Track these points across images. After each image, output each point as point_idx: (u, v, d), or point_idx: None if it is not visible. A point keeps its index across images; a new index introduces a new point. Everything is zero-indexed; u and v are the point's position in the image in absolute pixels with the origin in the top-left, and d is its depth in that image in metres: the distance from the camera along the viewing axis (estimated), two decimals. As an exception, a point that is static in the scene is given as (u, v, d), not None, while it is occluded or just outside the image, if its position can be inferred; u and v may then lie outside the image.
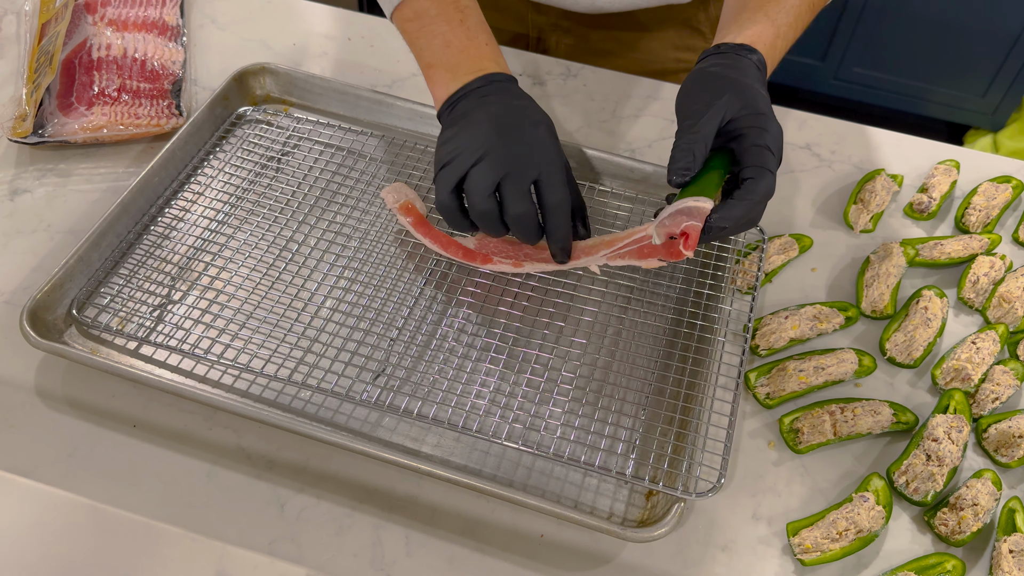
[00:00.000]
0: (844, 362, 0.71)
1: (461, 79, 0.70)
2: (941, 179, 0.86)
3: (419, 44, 0.73)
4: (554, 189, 0.67)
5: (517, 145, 0.66)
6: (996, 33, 1.99)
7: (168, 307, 0.72)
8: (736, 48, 0.70)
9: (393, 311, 0.72)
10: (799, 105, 0.99)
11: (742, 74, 0.67)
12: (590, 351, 0.71)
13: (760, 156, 0.64)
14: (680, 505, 0.61)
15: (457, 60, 0.71)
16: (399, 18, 0.74)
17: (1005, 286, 0.77)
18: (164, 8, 0.98)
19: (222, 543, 0.62)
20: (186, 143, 0.83)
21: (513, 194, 0.66)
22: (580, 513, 0.61)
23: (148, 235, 0.77)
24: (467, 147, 0.66)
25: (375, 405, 0.66)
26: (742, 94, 0.66)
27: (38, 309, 0.69)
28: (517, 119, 0.68)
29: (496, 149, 0.66)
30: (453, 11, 0.72)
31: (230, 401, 0.66)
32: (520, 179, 0.66)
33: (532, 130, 0.68)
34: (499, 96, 0.69)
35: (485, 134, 0.66)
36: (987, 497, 0.64)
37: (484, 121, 0.67)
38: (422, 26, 0.72)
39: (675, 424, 0.66)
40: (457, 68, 0.71)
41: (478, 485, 0.61)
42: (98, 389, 0.69)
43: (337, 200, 0.81)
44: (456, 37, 0.71)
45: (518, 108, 0.69)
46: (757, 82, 0.68)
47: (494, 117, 0.67)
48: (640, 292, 0.75)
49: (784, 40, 0.72)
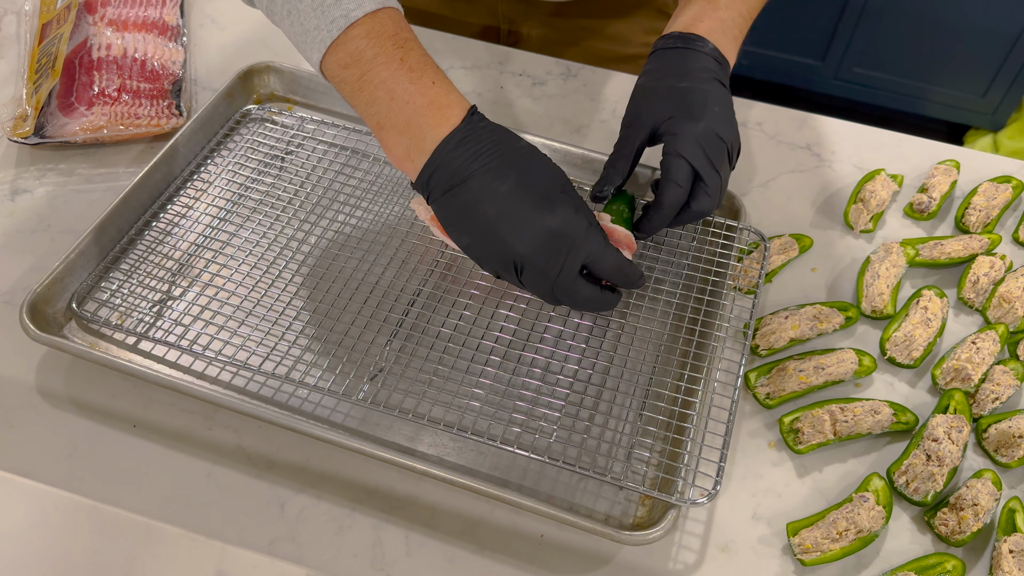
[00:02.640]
0: (844, 362, 0.71)
1: (420, 150, 0.61)
2: (941, 179, 0.86)
3: (361, 98, 0.62)
4: (602, 262, 0.62)
5: (542, 238, 0.60)
6: (996, 33, 1.99)
7: (168, 303, 0.72)
8: (676, 40, 0.70)
9: (392, 310, 0.72)
10: (799, 105, 0.99)
11: (673, 77, 0.69)
12: (588, 354, 0.70)
13: (669, 167, 0.66)
14: (675, 510, 0.61)
15: (407, 117, 0.61)
16: (333, 66, 0.62)
17: (1005, 286, 0.77)
18: (164, 8, 0.98)
19: (222, 543, 0.62)
20: (190, 140, 0.83)
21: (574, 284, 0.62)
22: (575, 515, 0.60)
23: (150, 231, 0.78)
24: (496, 257, 0.61)
25: (371, 405, 0.65)
26: (666, 104, 0.68)
27: (38, 303, 0.69)
28: (515, 202, 0.60)
29: (528, 256, 0.60)
30: (392, 48, 0.61)
31: (227, 397, 0.66)
32: (571, 267, 0.61)
33: (542, 207, 0.60)
34: (471, 163, 0.61)
35: (503, 241, 0.60)
36: (987, 497, 0.64)
37: (487, 222, 0.60)
38: (362, 74, 0.61)
39: (672, 430, 0.66)
40: (408, 129, 0.61)
41: (475, 486, 0.61)
42: (98, 389, 0.69)
43: (339, 199, 0.81)
44: (398, 83, 0.61)
45: (496, 174, 0.60)
46: (695, 76, 0.68)
47: (493, 215, 0.60)
48: (640, 296, 0.74)
49: (732, 10, 0.72)
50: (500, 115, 0.92)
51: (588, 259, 0.61)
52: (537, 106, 0.94)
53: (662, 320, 0.73)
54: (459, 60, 0.98)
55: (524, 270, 0.61)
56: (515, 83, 0.96)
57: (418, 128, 0.61)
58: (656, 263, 0.77)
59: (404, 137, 0.61)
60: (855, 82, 2.22)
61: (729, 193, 0.81)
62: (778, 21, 2.15)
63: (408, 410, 0.65)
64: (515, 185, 0.60)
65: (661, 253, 0.77)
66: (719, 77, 0.69)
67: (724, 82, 0.70)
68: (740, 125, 0.93)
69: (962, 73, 2.11)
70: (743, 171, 0.88)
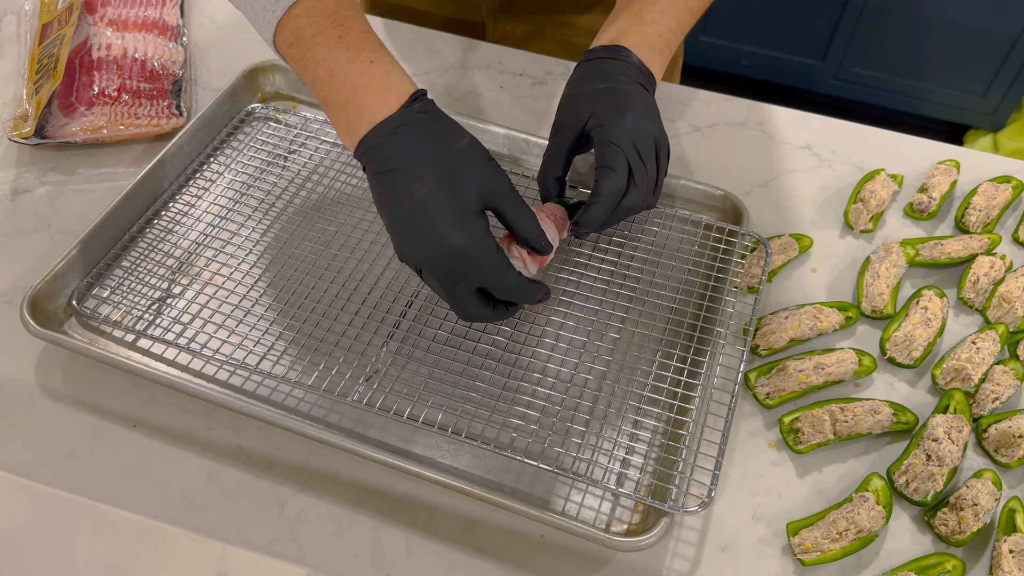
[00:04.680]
0: (844, 362, 0.71)
1: (356, 129, 0.61)
2: (941, 179, 0.86)
3: (307, 77, 0.63)
4: (501, 286, 0.62)
5: (442, 255, 0.59)
6: (996, 33, 1.99)
7: (168, 301, 0.72)
8: (598, 51, 0.71)
9: (390, 311, 0.72)
10: (799, 105, 0.99)
11: (597, 80, 0.69)
12: (585, 359, 0.70)
13: (602, 155, 0.66)
14: (668, 518, 0.60)
15: (346, 96, 0.61)
16: (282, 46, 0.64)
17: (1005, 286, 0.77)
18: (164, 8, 0.98)
19: (222, 543, 0.62)
20: (193, 137, 0.83)
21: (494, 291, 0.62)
22: (568, 520, 0.60)
23: (152, 228, 0.78)
24: (400, 251, 0.62)
25: (365, 407, 0.65)
26: (591, 103, 0.68)
27: (38, 298, 0.69)
28: (426, 210, 0.59)
29: (425, 266, 0.60)
30: (331, 26, 0.62)
31: (225, 396, 0.66)
32: (465, 288, 0.61)
33: (461, 223, 0.59)
34: (397, 156, 0.60)
35: (407, 243, 0.60)
36: (987, 497, 0.64)
37: (400, 217, 0.60)
38: (304, 53, 0.62)
39: (668, 436, 0.66)
40: (347, 107, 0.61)
41: (469, 490, 0.61)
42: (98, 389, 0.69)
43: (341, 199, 0.81)
44: (336, 62, 0.61)
45: (424, 177, 0.59)
46: (616, 79, 0.69)
47: (404, 214, 0.60)
48: (640, 301, 0.74)
49: (659, 25, 0.73)
50: (500, 115, 0.92)
51: (485, 284, 0.61)
52: (537, 106, 0.94)
53: (661, 325, 0.73)
54: (459, 59, 0.98)
55: (422, 272, 0.62)
56: (515, 83, 0.96)
57: (356, 108, 0.61)
58: (656, 267, 0.77)
59: (343, 114, 0.62)
60: (855, 82, 2.22)
61: (731, 197, 0.81)
62: (778, 21, 2.15)
63: (402, 412, 0.65)
64: (432, 191, 0.59)
65: (662, 257, 0.77)
66: (642, 83, 0.70)
67: (648, 89, 0.70)
68: (740, 125, 0.93)
69: (962, 73, 2.11)
70: (743, 171, 0.88)
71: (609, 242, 0.77)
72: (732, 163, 0.89)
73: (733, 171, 0.88)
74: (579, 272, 0.74)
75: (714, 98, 0.95)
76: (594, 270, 0.75)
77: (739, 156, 0.90)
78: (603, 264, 0.76)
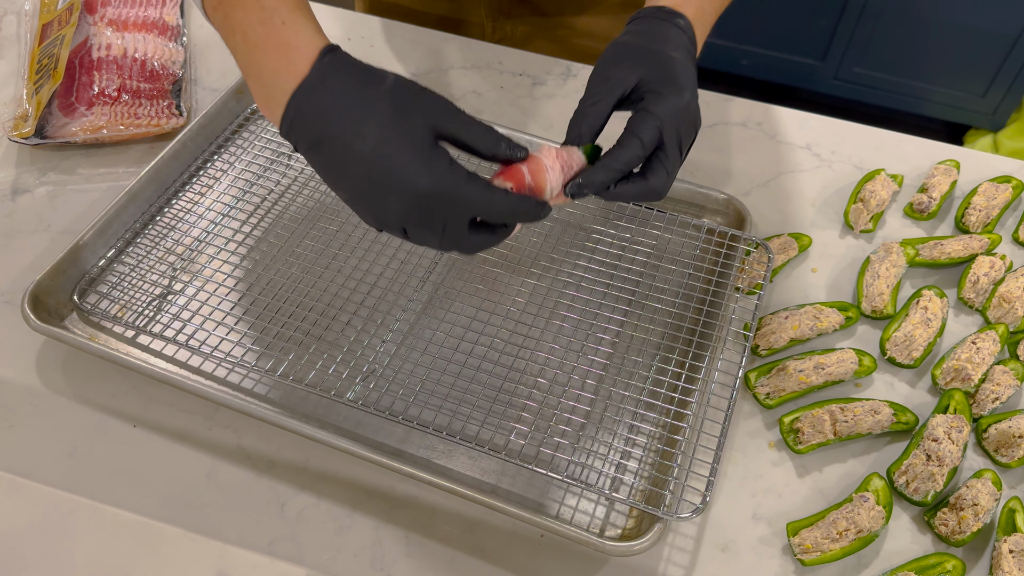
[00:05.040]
0: (844, 362, 0.71)
1: (275, 101, 0.55)
2: (941, 179, 0.86)
3: (230, 45, 0.58)
4: (492, 211, 0.55)
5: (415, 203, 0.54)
6: (996, 33, 1.99)
7: (168, 297, 0.73)
8: (657, 12, 0.64)
9: (388, 312, 0.72)
10: (799, 105, 0.99)
11: (659, 43, 0.62)
12: (582, 362, 0.70)
13: (638, 122, 0.59)
14: (663, 523, 0.60)
15: (259, 62, 0.56)
16: (209, 9, 0.59)
17: (1005, 286, 0.77)
18: (164, 8, 0.98)
19: (222, 543, 0.62)
20: (197, 135, 0.83)
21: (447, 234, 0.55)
22: (561, 523, 0.60)
23: (155, 225, 0.78)
24: (373, 219, 0.56)
25: (361, 407, 0.65)
26: (651, 64, 0.61)
27: (40, 293, 0.70)
28: (379, 164, 0.53)
29: (405, 221, 0.55)
30: None
31: (223, 394, 0.66)
32: (455, 224, 0.55)
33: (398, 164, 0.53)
34: (327, 118, 0.54)
35: (375, 206, 0.55)
36: (987, 497, 0.64)
37: (356, 185, 0.54)
38: (225, 17, 0.57)
39: (664, 442, 0.66)
40: (261, 76, 0.56)
41: (464, 492, 0.61)
42: (98, 388, 0.69)
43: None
44: (251, 25, 0.56)
45: (347, 142, 0.53)
46: (679, 49, 0.63)
47: (359, 179, 0.54)
48: (639, 305, 0.74)
49: (712, 2, 0.67)
50: (500, 115, 0.92)
51: (474, 213, 0.55)
52: (537, 106, 0.94)
53: (661, 328, 0.73)
54: (459, 60, 0.98)
55: (407, 231, 0.56)
56: (515, 83, 0.96)
57: (270, 75, 0.55)
58: (657, 271, 0.76)
59: (259, 84, 0.56)
60: (855, 82, 2.22)
61: (734, 201, 0.81)
62: (778, 21, 2.15)
63: (398, 413, 0.65)
64: (377, 144, 0.52)
65: (662, 261, 0.77)
66: (695, 61, 0.65)
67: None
68: (740, 125, 0.93)
69: (962, 73, 2.11)
70: (743, 171, 0.88)
71: (610, 245, 0.77)
72: (732, 163, 0.89)
73: (733, 171, 0.88)
74: (578, 275, 0.74)
75: (714, 98, 0.95)
76: (594, 273, 0.75)
77: (739, 156, 0.90)
78: (603, 267, 0.75)
